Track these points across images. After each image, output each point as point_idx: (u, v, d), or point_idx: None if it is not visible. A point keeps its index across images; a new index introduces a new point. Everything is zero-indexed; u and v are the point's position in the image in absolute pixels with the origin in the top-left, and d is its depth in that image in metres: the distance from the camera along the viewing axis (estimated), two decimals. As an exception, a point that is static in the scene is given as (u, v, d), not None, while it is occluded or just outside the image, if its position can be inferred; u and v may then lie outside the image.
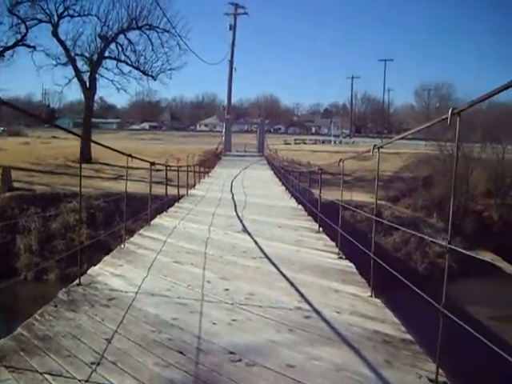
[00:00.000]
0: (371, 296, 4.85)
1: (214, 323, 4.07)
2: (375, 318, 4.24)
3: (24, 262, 16.15)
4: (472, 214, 24.68)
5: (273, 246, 7.32)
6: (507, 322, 14.25)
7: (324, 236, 8.29)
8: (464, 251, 3.11)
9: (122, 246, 7.05)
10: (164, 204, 11.25)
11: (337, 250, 6.96)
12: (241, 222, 9.64)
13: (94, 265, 5.88)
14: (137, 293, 4.82)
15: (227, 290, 5.01)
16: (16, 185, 19.99)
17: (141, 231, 8.44)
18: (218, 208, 11.63)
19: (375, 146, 4.71)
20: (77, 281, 5.08)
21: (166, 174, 11.94)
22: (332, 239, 7.85)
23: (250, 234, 8.17)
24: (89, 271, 5.57)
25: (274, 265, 5.99)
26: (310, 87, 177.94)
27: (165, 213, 10.73)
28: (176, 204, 12.38)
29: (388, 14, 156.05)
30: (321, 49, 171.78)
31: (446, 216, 24.10)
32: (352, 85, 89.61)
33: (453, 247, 3.04)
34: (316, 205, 10.47)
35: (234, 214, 10.73)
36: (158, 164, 10.79)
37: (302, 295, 4.79)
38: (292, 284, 5.16)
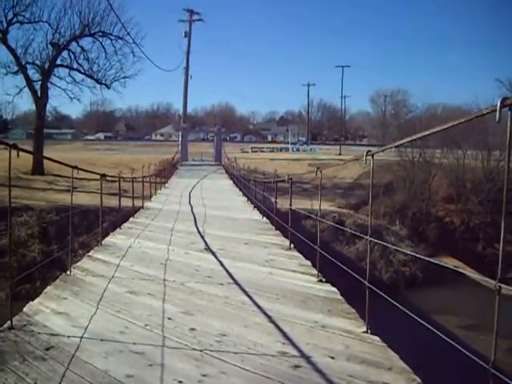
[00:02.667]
0: (366, 332, 4.06)
1: (180, 381, 3.20)
2: (379, 363, 3.45)
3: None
4: (434, 220, 24.54)
5: (241, 267, 6.48)
6: (476, 331, 14.03)
7: (296, 253, 7.49)
8: None
9: (68, 272, 6.07)
10: (118, 219, 10.29)
11: (314, 272, 6.18)
12: (202, 238, 8.78)
13: (33, 299, 4.91)
14: (82, 338, 3.90)
15: (193, 329, 4.14)
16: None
17: (90, 253, 7.45)
18: (176, 223, 10.71)
19: (368, 152, 3.96)
20: (8, 323, 4.12)
21: (120, 186, 10.99)
22: (306, 257, 7.08)
23: (214, 254, 7.33)
24: (25, 308, 4.59)
25: (246, 293, 5.15)
26: (266, 95, 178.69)
27: (118, 229, 9.76)
28: (131, 219, 11.35)
29: (345, 21, 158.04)
30: (276, 56, 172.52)
31: (408, 222, 23.92)
32: (308, 92, 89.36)
33: (504, 286, 2.30)
34: (280, 216, 9.82)
35: (195, 229, 9.85)
36: (110, 176, 9.83)
37: (284, 334, 3.98)
38: (270, 319, 4.33)
